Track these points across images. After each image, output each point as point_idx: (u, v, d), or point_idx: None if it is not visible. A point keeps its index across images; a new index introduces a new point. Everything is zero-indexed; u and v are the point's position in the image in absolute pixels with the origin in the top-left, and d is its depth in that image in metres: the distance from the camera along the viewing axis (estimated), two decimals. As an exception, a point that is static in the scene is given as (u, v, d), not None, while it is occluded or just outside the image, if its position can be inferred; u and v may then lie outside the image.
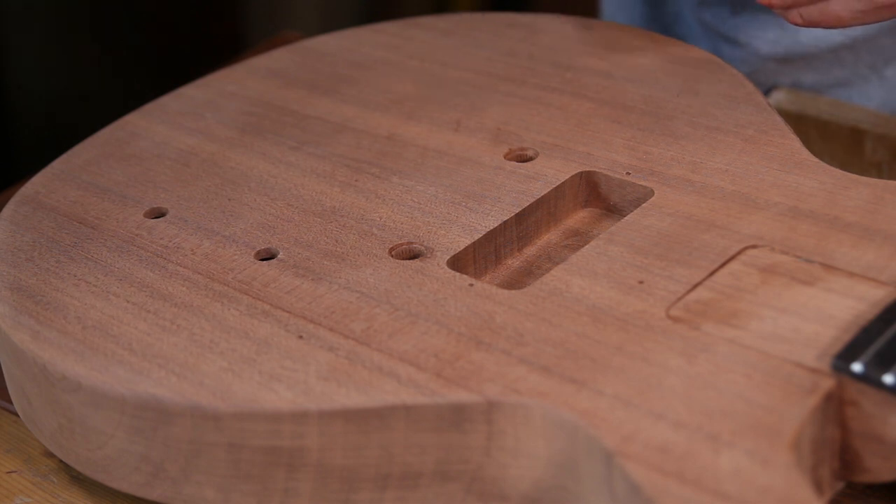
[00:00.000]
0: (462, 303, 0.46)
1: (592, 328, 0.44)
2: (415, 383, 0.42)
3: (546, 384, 0.42)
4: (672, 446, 0.39)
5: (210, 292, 0.47)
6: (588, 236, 0.52)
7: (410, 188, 0.53)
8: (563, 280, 0.46)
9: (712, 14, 0.73)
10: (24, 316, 0.47)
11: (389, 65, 0.63)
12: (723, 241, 0.47)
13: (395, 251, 0.49)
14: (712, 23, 0.73)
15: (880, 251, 0.46)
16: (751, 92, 0.57)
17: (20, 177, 0.66)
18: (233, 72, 0.65)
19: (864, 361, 0.40)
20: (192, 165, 0.56)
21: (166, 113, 0.61)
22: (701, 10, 0.74)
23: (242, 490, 0.43)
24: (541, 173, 0.53)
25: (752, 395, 0.40)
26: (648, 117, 0.56)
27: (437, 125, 0.57)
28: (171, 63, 1.32)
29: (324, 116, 0.59)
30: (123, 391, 0.43)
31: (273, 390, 0.42)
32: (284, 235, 0.50)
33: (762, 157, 0.52)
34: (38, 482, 0.49)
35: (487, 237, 0.50)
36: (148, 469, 0.44)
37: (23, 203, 0.54)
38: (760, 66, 0.71)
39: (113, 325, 0.46)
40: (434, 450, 0.42)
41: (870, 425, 0.41)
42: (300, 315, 0.46)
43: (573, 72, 0.60)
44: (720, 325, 0.43)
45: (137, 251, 0.50)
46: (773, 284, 0.45)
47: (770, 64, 0.71)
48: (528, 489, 0.42)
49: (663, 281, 0.46)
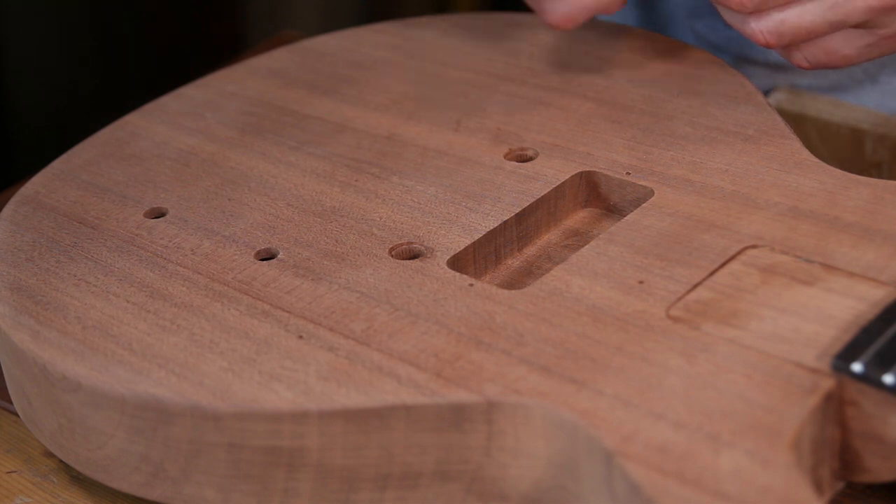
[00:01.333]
0: (462, 303, 0.46)
1: (592, 328, 0.44)
2: (415, 383, 0.42)
3: (546, 384, 0.42)
4: (672, 446, 0.39)
5: (210, 292, 0.47)
6: (588, 236, 0.52)
7: (410, 188, 0.53)
8: (563, 280, 0.46)
9: (705, 24, 0.73)
10: (24, 316, 0.47)
11: (389, 65, 0.63)
12: (723, 241, 0.47)
13: (395, 251, 0.49)
14: (704, 33, 0.73)
15: (880, 251, 0.46)
16: (751, 92, 0.57)
17: (20, 177, 0.66)
18: (233, 72, 0.65)
19: (864, 361, 0.40)
20: (192, 165, 0.56)
21: (166, 113, 0.61)
22: (694, 21, 0.73)
23: (242, 490, 0.43)
24: (541, 173, 0.53)
25: (752, 395, 0.40)
26: (648, 117, 0.56)
27: (437, 125, 0.57)
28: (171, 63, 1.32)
29: (324, 116, 0.59)
30: (123, 391, 0.43)
31: (273, 390, 0.42)
32: (284, 235, 0.50)
33: (762, 157, 0.52)
34: (38, 482, 0.49)
35: (487, 237, 0.50)
36: (148, 469, 0.44)
37: (23, 203, 0.54)
38: (754, 72, 0.71)
39: (113, 325, 0.46)
40: (434, 450, 0.42)
41: (870, 425, 0.41)
42: (300, 315, 0.46)
43: (573, 72, 0.60)
44: (720, 325, 0.43)
45: (137, 251, 0.50)
46: (773, 284, 0.45)
47: (764, 70, 0.71)
48: (528, 489, 0.42)
49: (663, 281, 0.46)
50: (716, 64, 0.59)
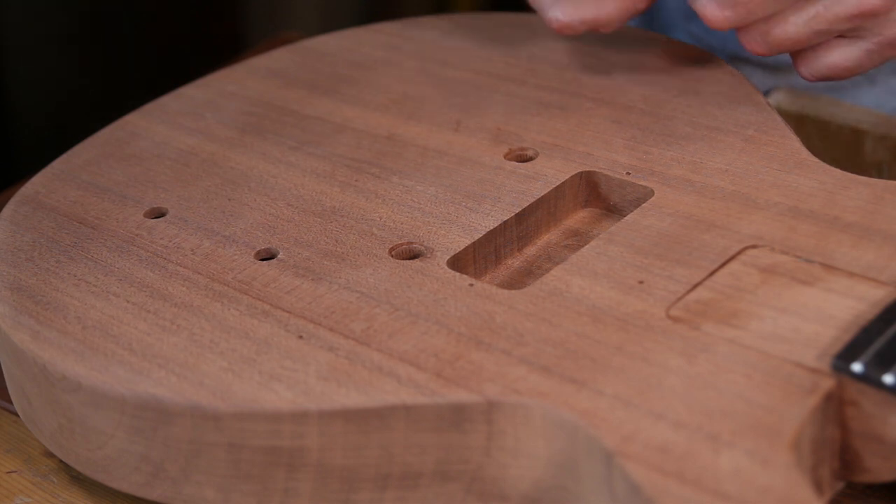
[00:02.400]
0: (462, 303, 0.46)
1: (592, 328, 0.44)
2: (415, 383, 0.42)
3: (546, 384, 0.42)
4: (672, 446, 0.39)
5: (210, 292, 0.47)
6: (588, 236, 0.52)
7: (410, 188, 0.53)
8: (563, 280, 0.46)
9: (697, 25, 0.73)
10: (24, 316, 0.47)
11: (389, 65, 0.63)
12: (723, 241, 0.47)
13: (395, 251, 0.49)
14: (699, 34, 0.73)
15: (880, 251, 0.46)
16: (751, 92, 0.57)
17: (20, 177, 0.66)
18: (233, 72, 0.65)
19: (864, 361, 0.40)
20: (192, 165, 0.56)
21: (166, 113, 0.61)
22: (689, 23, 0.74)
23: (242, 490, 0.43)
24: (541, 173, 0.53)
25: (752, 395, 0.40)
26: (648, 117, 0.56)
27: (437, 125, 0.57)
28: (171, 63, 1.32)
29: (324, 116, 0.59)
30: (123, 391, 0.43)
31: (273, 390, 0.42)
32: (284, 235, 0.50)
33: (762, 157, 0.52)
34: (38, 482, 0.49)
35: (487, 237, 0.50)
36: (148, 469, 0.44)
37: (23, 203, 0.54)
38: (751, 73, 0.71)
39: (113, 325, 0.46)
40: (434, 450, 0.42)
41: (870, 425, 0.41)
42: (300, 315, 0.46)
43: (573, 72, 0.60)
44: (720, 325, 0.43)
45: (137, 251, 0.50)
46: (773, 284, 0.45)
47: (761, 70, 0.71)
48: (528, 489, 0.42)
49: (663, 281, 0.46)
50: (716, 64, 0.59)
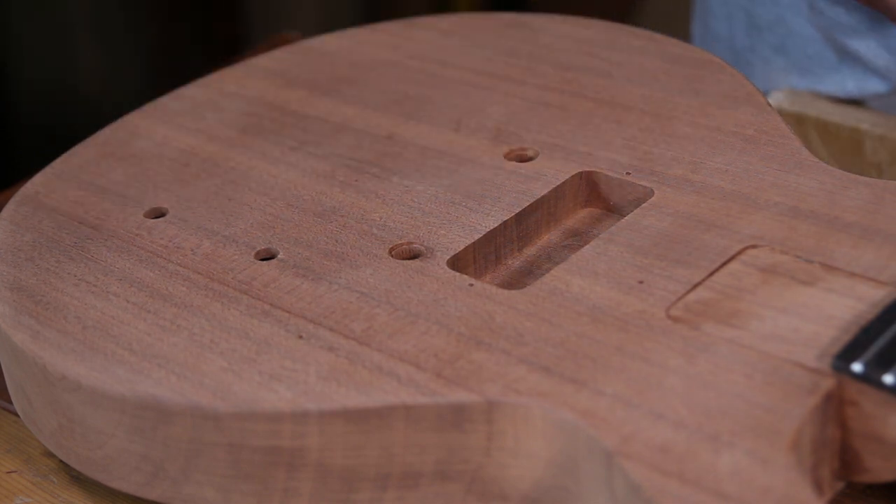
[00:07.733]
0: (462, 303, 0.46)
1: (592, 328, 0.44)
2: (415, 383, 0.42)
3: (546, 384, 0.42)
4: (672, 446, 0.39)
5: (210, 292, 0.47)
6: (588, 236, 0.52)
7: (410, 188, 0.53)
8: (563, 280, 0.46)
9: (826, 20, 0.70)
10: (24, 316, 0.47)
11: (389, 65, 0.63)
12: (723, 241, 0.47)
13: (395, 251, 0.49)
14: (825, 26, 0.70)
15: (880, 251, 0.46)
16: (751, 92, 0.57)
17: (20, 177, 0.66)
18: (233, 72, 0.65)
19: (864, 361, 0.40)
20: (192, 165, 0.56)
21: (166, 113, 0.61)
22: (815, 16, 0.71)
23: (242, 490, 0.43)
24: (541, 173, 0.53)
25: (752, 395, 0.40)
26: (648, 117, 0.56)
27: (437, 125, 0.57)
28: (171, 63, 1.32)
29: (324, 116, 0.59)
30: (123, 391, 0.43)
31: (273, 390, 0.42)
32: (284, 235, 0.50)
33: (762, 157, 0.52)
34: (38, 482, 0.49)
35: (487, 237, 0.50)
36: (148, 469, 0.44)
37: (23, 203, 0.54)
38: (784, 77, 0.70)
39: (113, 325, 0.46)
40: (434, 450, 0.42)
41: (870, 425, 0.41)
42: (300, 315, 0.46)
43: (573, 72, 0.60)
44: (720, 325, 0.43)
45: (137, 251, 0.50)
46: (773, 284, 0.45)
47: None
48: (528, 489, 0.42)
49: (663, 281, 0.46)
50: (716, 64, 0.59)
